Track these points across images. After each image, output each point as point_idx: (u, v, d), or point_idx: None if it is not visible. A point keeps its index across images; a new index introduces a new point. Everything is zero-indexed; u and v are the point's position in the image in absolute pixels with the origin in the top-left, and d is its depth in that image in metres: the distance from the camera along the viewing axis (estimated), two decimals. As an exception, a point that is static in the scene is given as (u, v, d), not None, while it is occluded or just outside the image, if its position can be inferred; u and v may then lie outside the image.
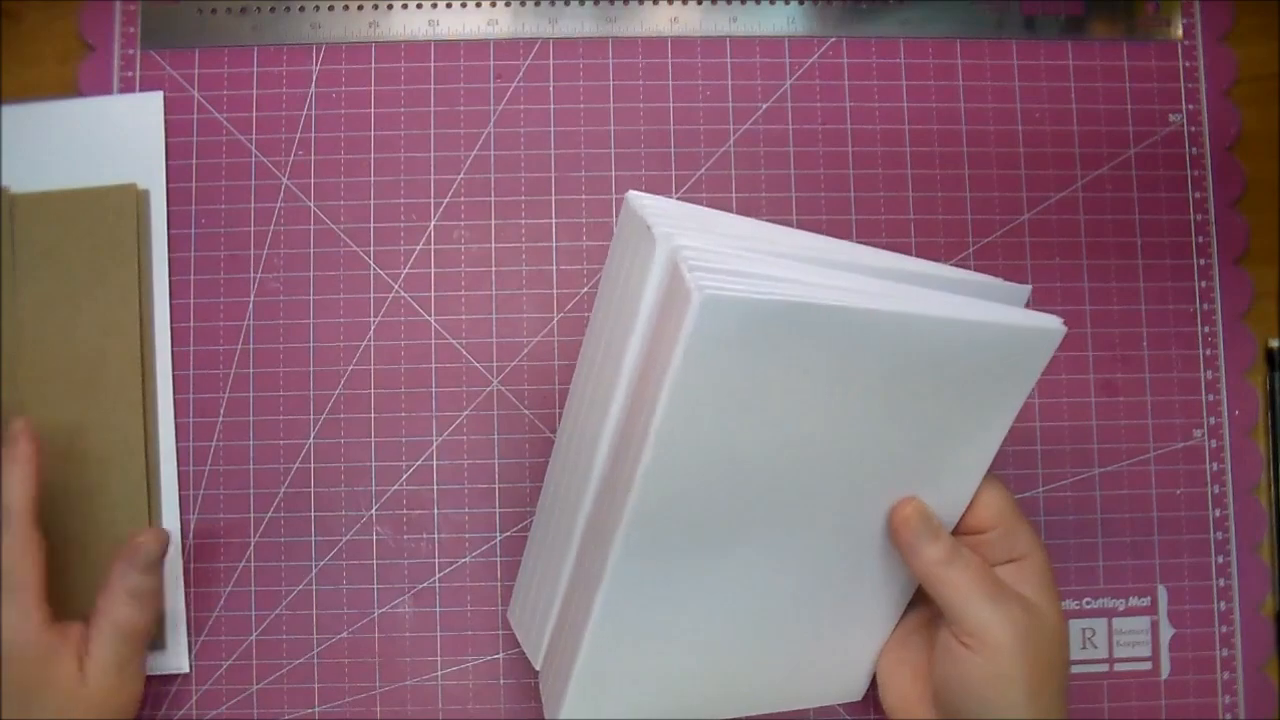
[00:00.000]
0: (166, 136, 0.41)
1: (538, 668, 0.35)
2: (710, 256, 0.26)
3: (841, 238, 0.41)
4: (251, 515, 0.40)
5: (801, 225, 0.41)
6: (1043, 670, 0.32)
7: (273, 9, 0.41)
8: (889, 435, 0.31)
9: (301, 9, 0.41)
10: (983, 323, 0.30)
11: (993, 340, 0.30)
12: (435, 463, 0.40)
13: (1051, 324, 0.31)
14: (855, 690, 0.38)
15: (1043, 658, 0.32)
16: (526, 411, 0.40)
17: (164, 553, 0.36)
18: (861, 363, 0.29)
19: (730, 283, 0.26)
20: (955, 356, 0.30)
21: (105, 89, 0.41)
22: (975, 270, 0.41)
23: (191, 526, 0.39)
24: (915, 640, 0.36)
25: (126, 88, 0.41)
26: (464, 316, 0.40)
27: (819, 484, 0.31)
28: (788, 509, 0.32)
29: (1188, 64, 0.43)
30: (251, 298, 0.40)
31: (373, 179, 0.41)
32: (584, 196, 0.41)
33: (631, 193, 0.29)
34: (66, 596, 0.38)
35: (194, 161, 0.41)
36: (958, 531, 0.35)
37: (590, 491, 0.31)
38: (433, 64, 0.41)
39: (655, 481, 0.28)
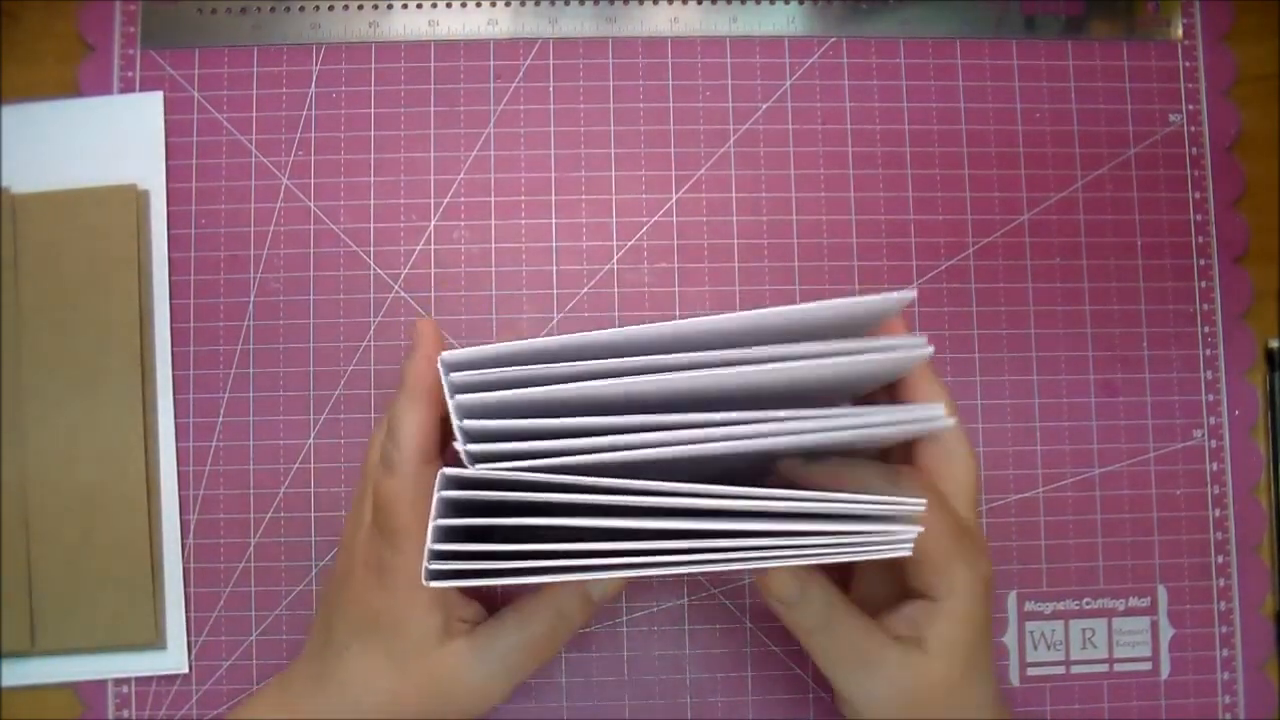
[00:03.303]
0: (166, 136, 0.41)
1: None
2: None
3: (842, 238, 0.41)
4: (251, 515, 0.39)
5: (801, 225, 0.41)
6: (920, 715, 0.31)
7: (273, 9, 0.41)
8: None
9: (301, 9, 0.41)
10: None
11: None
12: (435, 463, 0.40)
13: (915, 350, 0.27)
14: None
15: (922, 705, 0.31)
16: (526, 411, 0.40)
17: (613, 597, 0.34)
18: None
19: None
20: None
21: (105, 89, 0.41)
22: (975, 269, 0.41)
23: (191, 526, 0.39)
24: None
25: (126, 88, 0.41)
26: (464, 316, 0.40)
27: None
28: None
29: (1188, 64, 0.43)
30: (251, 298, 0.40)
31: (373, 179, 0.41)
32: (584, 196, 0.41)
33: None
34: (68, 597, 0.38)
35: (194, 161, 0.41)
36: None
37: None
38: (433, 64, 0.41)
39: None
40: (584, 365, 0.26)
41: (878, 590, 0.33)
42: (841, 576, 0.33)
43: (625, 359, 0.26)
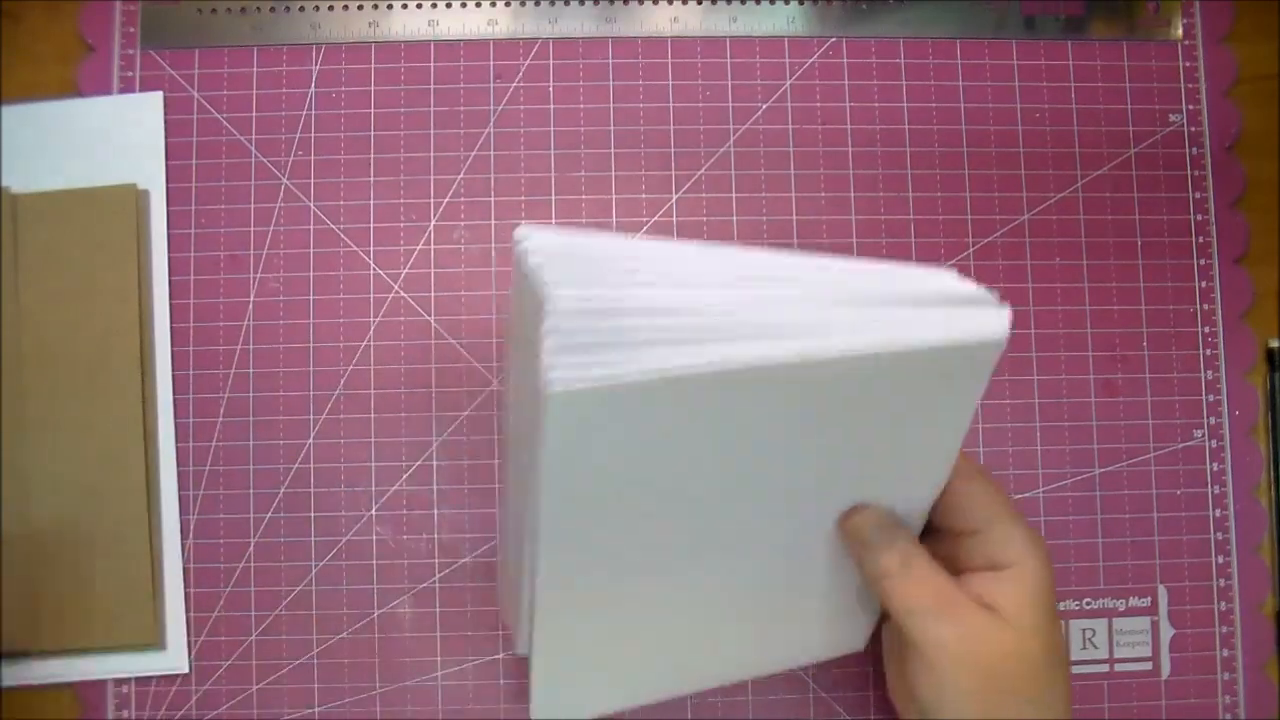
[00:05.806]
0: (166, 136, 0.41)
1: (520, 652, 0.35)
2: (580, 327, 0.24)
3: (842, 238, 0.41)
4: (251, 515, 0.40)
5: (801, 225, 0.41)
6: (998, 690, 0.30)
7: (273, 9, 0.41)
8: (818, 456, 0.29)
9: (301, 9, 0.41)
10: (903, 352, 0.26)
11: (920, 364, 0.27)
12: (435, 463, 0.40)
13: (992, 334, 0.27)
14: (856, 642, 0.37)
15: (999, 675, 0.30)
16: (526, 411, 0.40)
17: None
18: (765, 408, 0.27)
19: (594, 363, 0.23)
20: (876, 388, 0.28)
21: (105, 89, 0.41)
22: (976, 269, 0.41)
23: (191, 526, 0.39)
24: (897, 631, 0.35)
25: (126, 88, 0.41)
26: (464, 316, 0.40)
27: (750, 509, 0.30)
28: (723, 533, 0.30)
29: (1188, 64, 0.43)
30: (251, 298, 0.40)
31: (373, 179, 0.41)
32: (584, 196, 0.41)
33: (519, 230, 0.26)
34: (68, 597, 0.38)
35: (194, 161, 0.41)
36: (939, 528, 0.33)
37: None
38: (433, 64, 0.41)
39: (557, 539, 0.27)
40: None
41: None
42: None
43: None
